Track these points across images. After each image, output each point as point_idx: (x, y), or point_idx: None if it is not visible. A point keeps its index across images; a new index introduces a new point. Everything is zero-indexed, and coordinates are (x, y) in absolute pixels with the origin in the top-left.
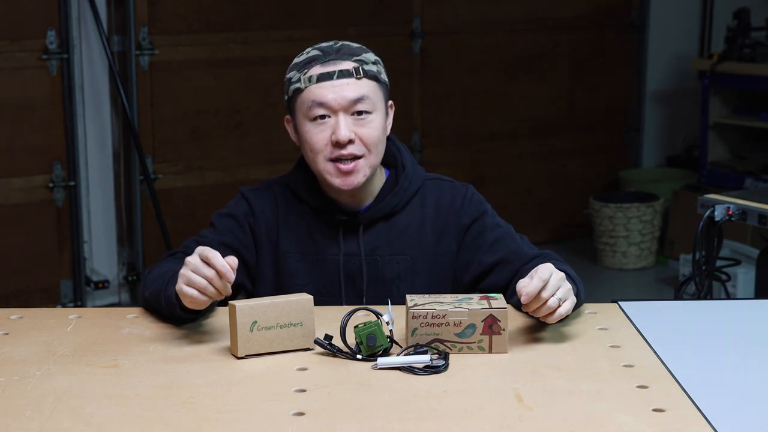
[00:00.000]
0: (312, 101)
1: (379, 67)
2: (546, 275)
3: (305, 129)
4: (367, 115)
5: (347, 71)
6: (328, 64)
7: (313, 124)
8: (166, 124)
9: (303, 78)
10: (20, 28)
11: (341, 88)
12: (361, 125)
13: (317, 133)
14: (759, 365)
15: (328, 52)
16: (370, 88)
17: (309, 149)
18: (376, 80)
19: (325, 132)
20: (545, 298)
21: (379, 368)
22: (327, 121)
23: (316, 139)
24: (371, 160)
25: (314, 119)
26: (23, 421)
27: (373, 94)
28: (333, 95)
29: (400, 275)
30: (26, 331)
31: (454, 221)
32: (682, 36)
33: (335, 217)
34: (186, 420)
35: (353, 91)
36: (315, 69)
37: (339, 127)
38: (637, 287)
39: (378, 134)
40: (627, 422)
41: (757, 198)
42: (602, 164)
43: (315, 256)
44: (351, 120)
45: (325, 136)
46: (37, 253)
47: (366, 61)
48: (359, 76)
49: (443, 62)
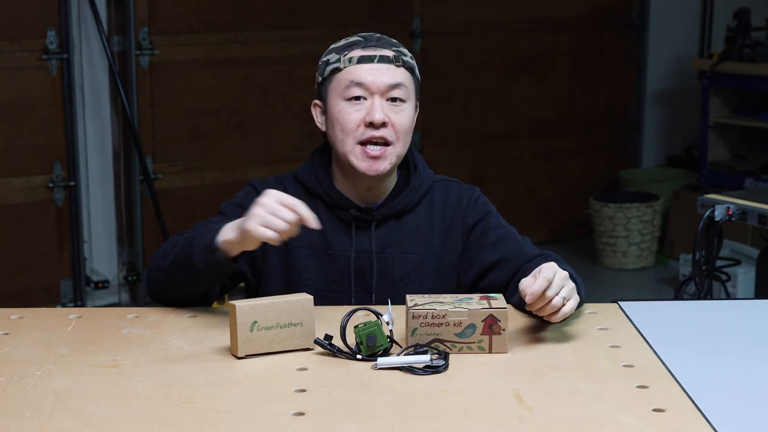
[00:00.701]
0: (350, 81)
1: (415, 63)
2: (550, 275)
3: (338, 108)
4: (402, 103)
5: (387, 57)
6: (369, 49)
7: (348, 103)
8: (166, 124)
9: (343, 59)
10: (20, 28)
11: (380, 72)
12: (395, 111)
13: (351, 113)
14: (759, 365)
15: (369, 39)
16: (407, 77)
17: (340, 129)
18: (412, 72)
19: (359, 113)
20: (550, 297)
21: (379, 368)
22: (362, 103)
23: (349, 118)
24: (398, 148)
25: (350, 99)
26: (23, 421)
27: (408, 84)
28: (372, 77)
29: (409, 274)
30: (26, 331)
31: (459, 222)
32: (682, 36)
33: (349, 212)
34: (186, 420)
35: (391, 76)
36: (356, 51)
37: (374, 108)
38: (637, 287)
39: (408, 123)
40: (627, 422)
41: (757, 198)
42: (602, 164)
43: (325, 252)
44: (386, 104)
45: (359, 116)
46: (37, 253)
47: (404, 53)
48: (398, 63)
49: (443, 62)
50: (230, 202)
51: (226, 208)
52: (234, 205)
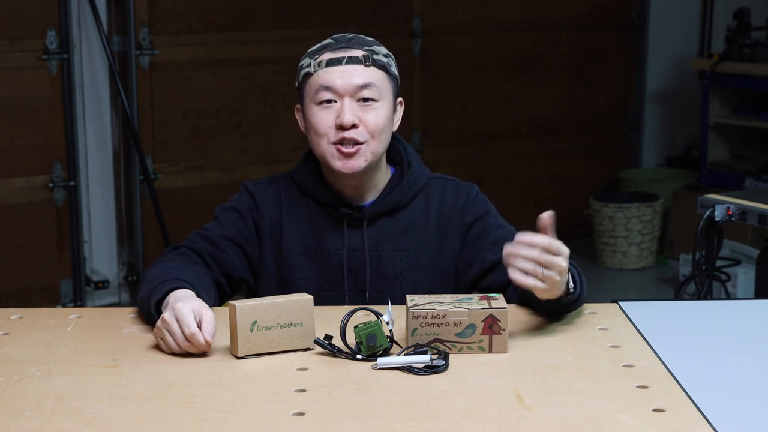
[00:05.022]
0: (319, 85)
1: (390, 60)
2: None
3: (311, 112)
4: (373, 102)
5: (356, 58)
6: (338, 51)
7: (319, 107)
8: (166, 124)
9: (313, 63)
10: (20, 28)
11: (349, 73)
12: (365, 111)
13: (322, 116)
14: (759, 365)
15: (340, 40)
16: (378, 76)
17: (314, 132)
18: (384, 70)
19: (330, 115)
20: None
21: (379, 368)
22: (333, 105)
23: (321, 122)
24: (373, 146)
25: (320, 103)
26: (23, 421)
27: (380, 83)
28: (340, 80)
29: (403, 272)
30: (26, 331)
31: (457, 220)
32: (682, 36)
33: (340, 210)
34: (186, 420)
35: (360, 77)
36: (326, 55)
37: (343, 111)
38: (637, 287)
39: (382, 122)
40: (627, 422)
41: (757, 198)
42: (602, 164)
43: (318, 251)
44: (356, 106)
45: (330, 119)
46: (37, 253)
47: (376, 52)
48: (368, 63)
49: (443, 62)
50: (224, 206)
51: (220, 213)
52: (228, 210)
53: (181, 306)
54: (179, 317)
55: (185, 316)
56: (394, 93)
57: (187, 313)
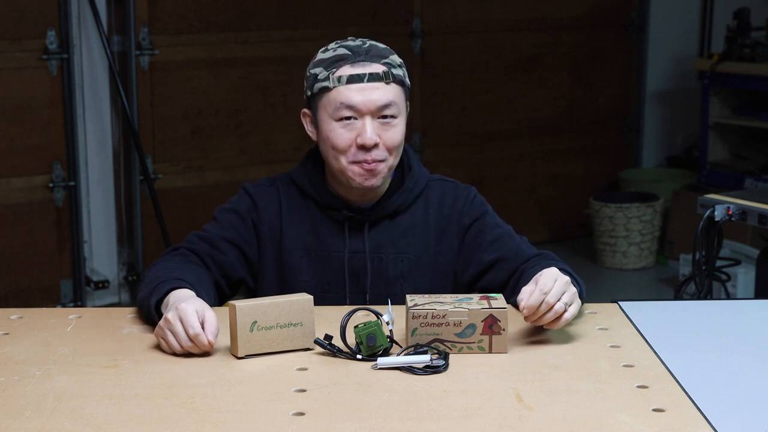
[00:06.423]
0: (340, 103)
1: (404, 71)
2: (548, 285)
3: (329, 128)
4: (392, 119)
5: (377, 75)
6: (357, 65)
7: (338, 124)
8: (166, 124)
9: (332, 77)
10: (20, 28)
11: (371, 92)
12: (385, 129)
13: (342, 134)
14: (759, 365)
15: (357, 52)
16: (397, 93)
17: (332, 147)
18: (402, 85)
19: (350, 133)
20: (551, 304)
21: (379, 368)
22: (353, 123)
23: (341, 139)
24: (390, 162)
25: (340, 119)
26: (23, 421)
27: (399, 99)
28: (362, 98)
29: (404, 274)
30: (26, 331)
31: (455, 221)
32: (682, 36)
33: (342, 213)
34: (186, 420)
35: (382, 96)
36: (344, 69)
37: (365, 130)
38: (637, 287)
39: (399, 138)
40: (627, 422)
41: (757, 198)
42: (602, 164)
43: (319, 253)
44: (377, 124)
45: (351, 137)
46: (37, 253)
47: (393, 64)
48: (388, 80)
49: (443, 62)
50: (224, 207)
51: (220, 214)
52: (227, 211)
53: (185, 306)
54: (183, 317)
55: (189, 317)
56: (407, 102)
57: (190, 313)
